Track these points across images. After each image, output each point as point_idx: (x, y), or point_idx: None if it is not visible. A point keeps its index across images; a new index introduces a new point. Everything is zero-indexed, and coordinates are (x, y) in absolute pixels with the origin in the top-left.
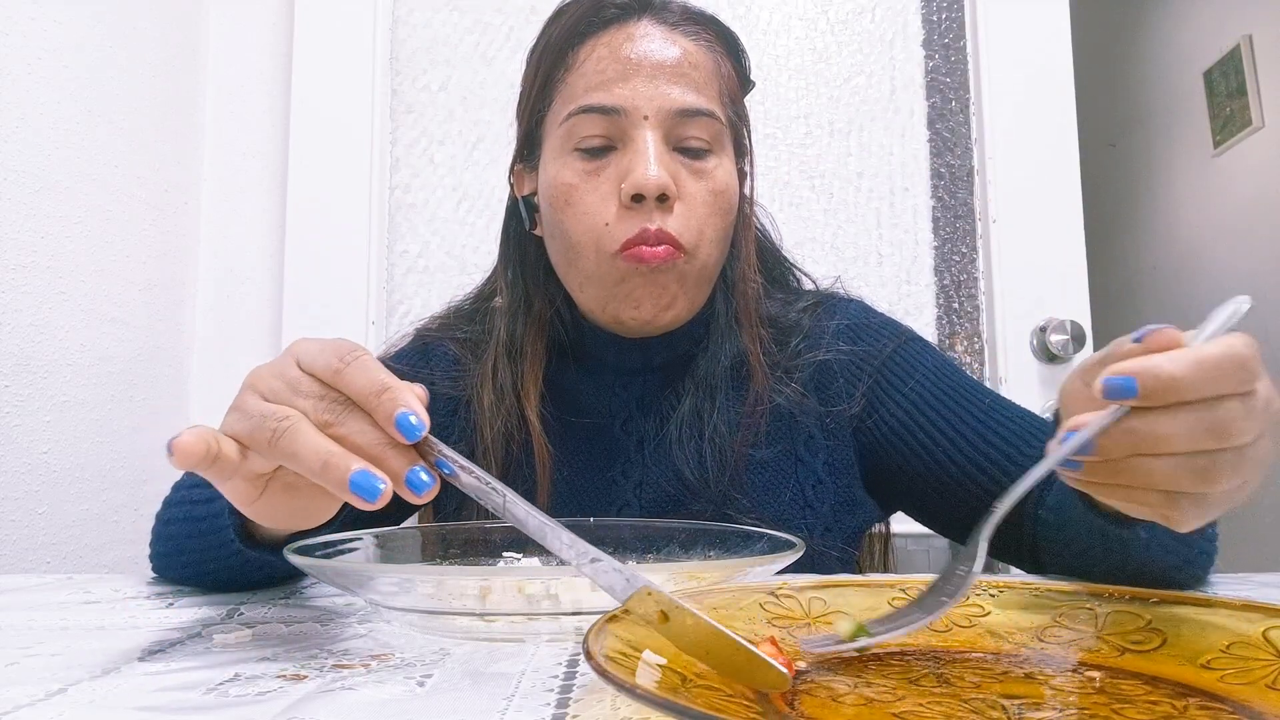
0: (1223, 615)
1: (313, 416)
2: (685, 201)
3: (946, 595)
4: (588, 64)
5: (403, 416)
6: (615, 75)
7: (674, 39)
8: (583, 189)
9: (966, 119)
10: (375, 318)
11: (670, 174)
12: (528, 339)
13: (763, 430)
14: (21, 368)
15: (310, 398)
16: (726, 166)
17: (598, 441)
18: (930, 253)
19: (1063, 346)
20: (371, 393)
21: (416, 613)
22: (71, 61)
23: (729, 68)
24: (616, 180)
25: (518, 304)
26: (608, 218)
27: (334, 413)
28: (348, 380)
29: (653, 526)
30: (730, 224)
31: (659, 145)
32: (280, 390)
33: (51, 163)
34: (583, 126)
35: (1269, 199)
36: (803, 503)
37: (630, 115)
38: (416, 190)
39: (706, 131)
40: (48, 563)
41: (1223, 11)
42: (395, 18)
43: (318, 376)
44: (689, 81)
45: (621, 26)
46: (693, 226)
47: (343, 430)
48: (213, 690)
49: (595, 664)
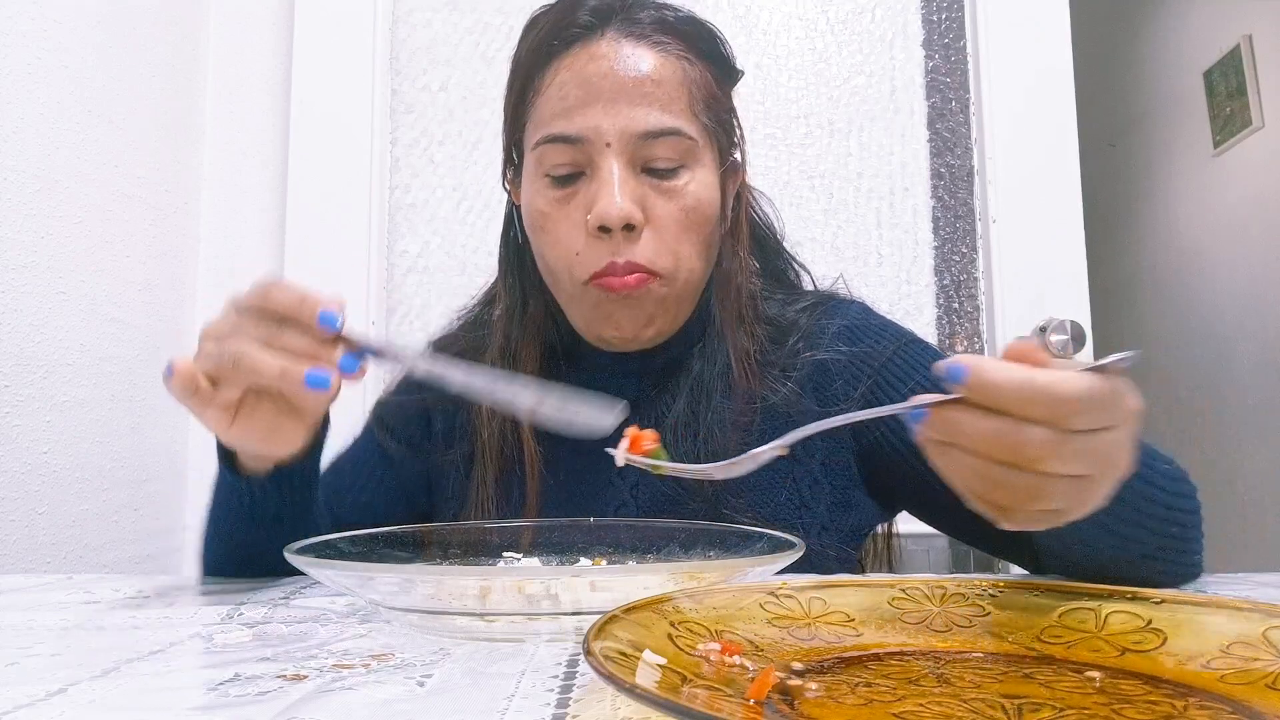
0: (1223, 615)
1: (259, 339)
2: (656, 225)
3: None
4: (552, 88)
5: (323, 315)
6: (577, 101)
7: (638, 54)
8: (554, 217)
9: (966, 119)
10: (375, 318)
11: (638, 199)
12: (522, 344)
13: (757, 430)
14: (21, 368)
15: (248, 324)
16: (701, 178)
17: (595, 444)
18: (930, 253)
19: (1063, 346)
20: (294, 304)
21: (416, 613)
22: (71, 61)
23: (701, 72)
24: (585, 209)
25: (514, 309)
26: (578, 247)
27: (271, 331)
28: (274, 301)
29: (653, 526)
30: (710, 233)
31: (624, 171)
32: (226, 330)
33: (51, 163)
34: (550, 155)
35: (1269, 199)
36: (799, 503)
37: (594, 143)
38: (416, 190)
39: (674, 150)
40: (48, 563)
41: (1223, 11)
42: (395, 18)
43: (251, 308)
44: (653, 100)
45: (585, 45)
46: (665, 250)
47: (282, 341)
48: (213, 690)
49: (595, 664)
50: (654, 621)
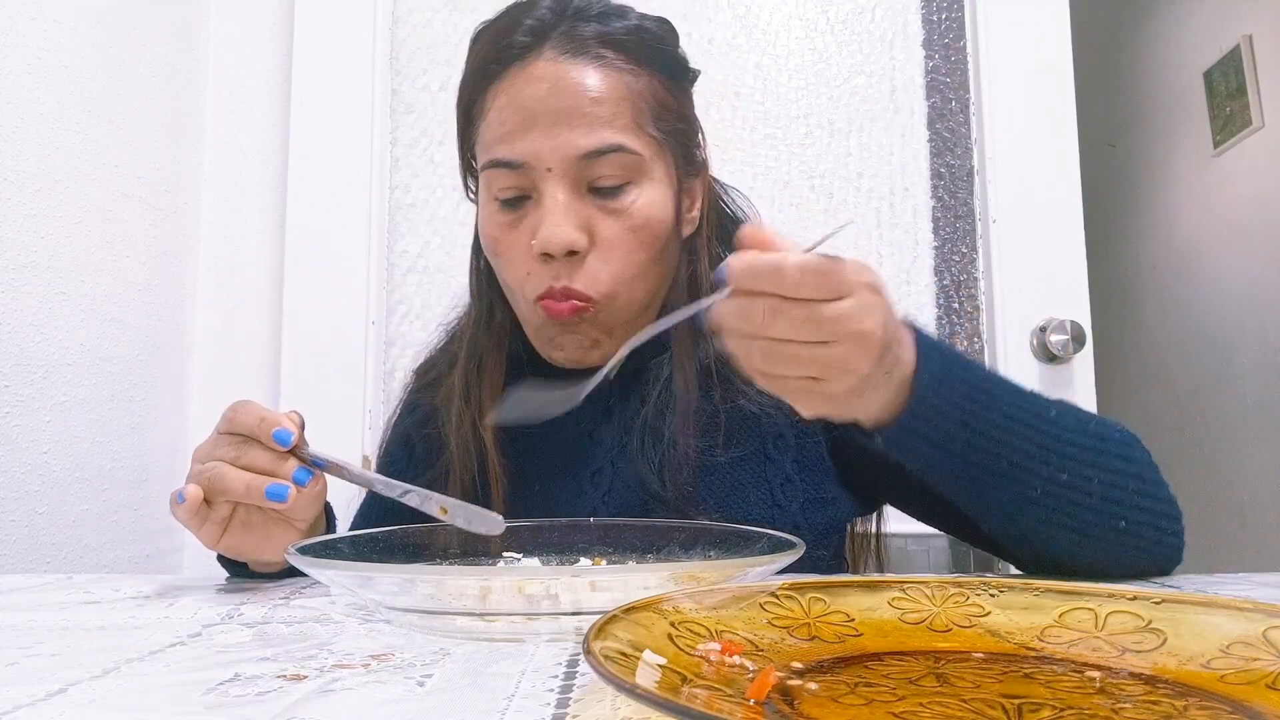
0: (1223, 615)
1: (228, 459)
2: (601, 247)
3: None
4: (492, 113)
5: (277, 434)
6: (516, 126)
7: (577, 73)
8: (504, 241)
9: (966, 119)
10: (375, 318)
11: (583, 221)
12: (488, 350)
13: (723, 432)
14: (21, 368)
15: (221, 446)
16: (650, 194)
17: (567, 452)
18: (930, 253)
19: (1063, 346)
20: (254, 424)
21: (416, 613)
22: (71, 61)
23: (648, 82)
24: (532, 233)
25: (481, 319)
26: (528, 268)
27: (238, 449)
28: (239, 423)
29: (653, 526)
30: (661, 249)
31: (568, 195)
32: (207, 452)
33: (51, 163)
34: (496, 179)
35: (1269, 199)
36: (770, 502)
37: (535, 168)
38: (416, 190)
39: (619, 167)
40: (48, 563)
41: (1223, 11)
42: (395, 18)
43: (222, 430)
44: (593, 119)
45: (523, 67)
46: (605, 276)
47: (246, 459)
48: (213, 690)
49: (595, 664)
50: (654, 621)
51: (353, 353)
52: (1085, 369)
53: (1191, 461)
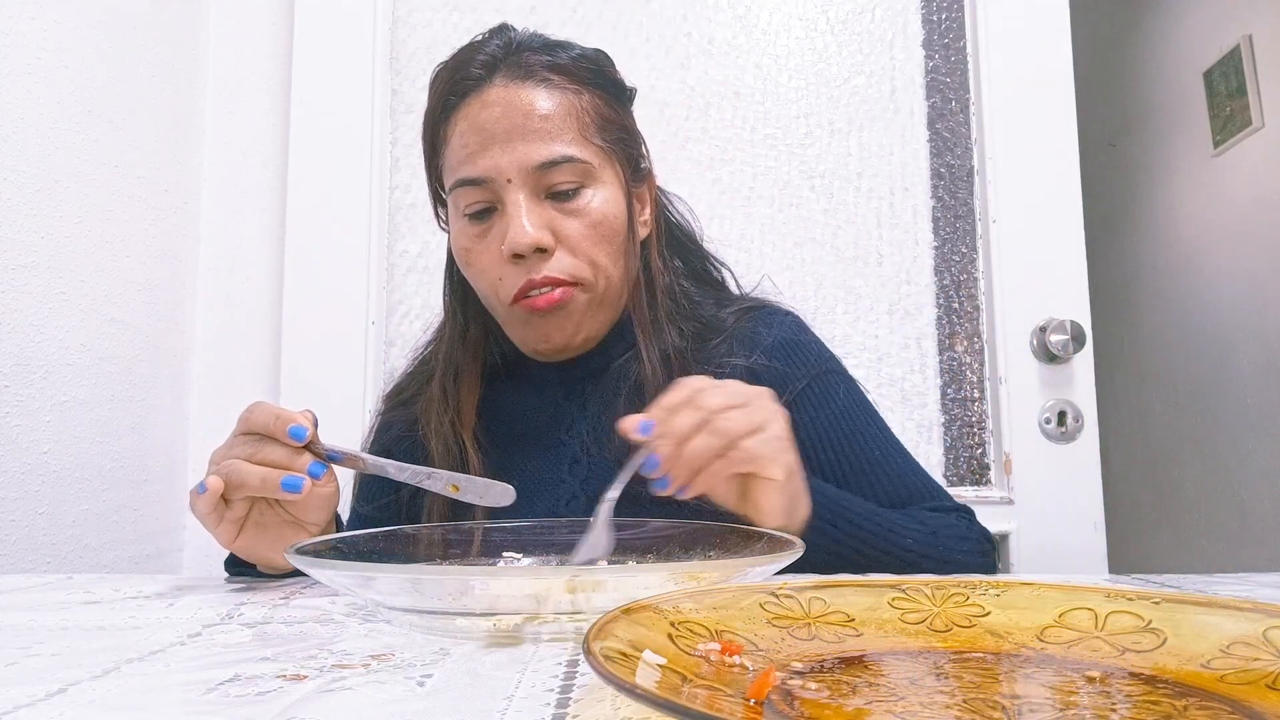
0: (1223, 615)
1: (244, 456)
2: (566, 243)
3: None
4: (455, 138)
5: (292, 429)
6: (477, 146)
7: (526, 94)
8: (476, 251)
9: (966, 119)
10: (375, 318)
11: (546, 223)
12: (464, 363)
13: None
14: (21, 368)
15: (238, 446)
16: (604, 194)
17: (545, 450)
18: (930, 253)
19: (1063, 346)
20: (269, 422)
21: (416, 613)
22: (71, 61)
23: (590, 100)
24: (500, 240)
25: (457, 331)
26: (501, 273)
27: (254, 447)
28: (254, 422)
29: (653, 526)
30: (623, 242)
31: (530, 201)
32: (223, 453)
33: (51, 163)
34: (463, 196)
35: (1269, 199)
36: None
37: (497, 181)
38: (416, 190)
39: (572, 173)
40: (48, 563)
41: (1223, 11)
42: (395, 18)
43: (238, 432)
44: (544, 134)
45: (478, 94)
46: (580, 262)
47: (262, 455)
48: (213, 690)
49: (595, 664)
50: (654, 621)
51: (353, 353)
52: (1085, 369)
53: (1191, 461)
